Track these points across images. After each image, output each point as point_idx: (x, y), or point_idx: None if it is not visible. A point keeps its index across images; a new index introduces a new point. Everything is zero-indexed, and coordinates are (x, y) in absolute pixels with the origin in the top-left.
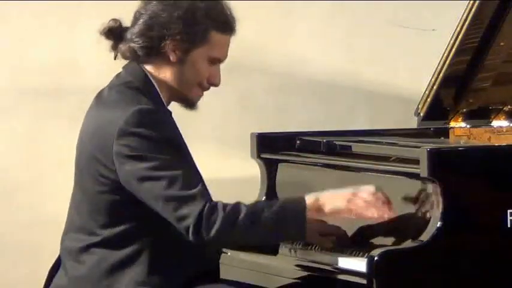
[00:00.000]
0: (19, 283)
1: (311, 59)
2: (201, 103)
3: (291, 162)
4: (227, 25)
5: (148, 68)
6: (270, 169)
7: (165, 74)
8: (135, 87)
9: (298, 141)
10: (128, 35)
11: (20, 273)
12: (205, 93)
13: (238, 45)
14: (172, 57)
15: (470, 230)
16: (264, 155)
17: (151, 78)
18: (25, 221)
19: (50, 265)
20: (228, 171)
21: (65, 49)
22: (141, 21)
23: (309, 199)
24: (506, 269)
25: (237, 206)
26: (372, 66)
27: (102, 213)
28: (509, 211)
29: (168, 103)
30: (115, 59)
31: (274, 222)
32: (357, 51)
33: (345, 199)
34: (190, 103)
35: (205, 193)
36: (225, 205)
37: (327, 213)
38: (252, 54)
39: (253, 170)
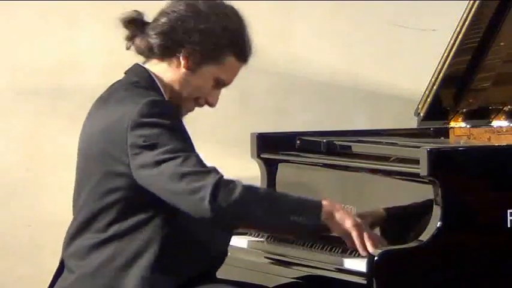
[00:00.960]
0: (19, 283)
1: (311, 59)
2: None
3: (291, 162)
4: (245, 55)
5: (156, 68)
6: (270, 169)
7: (172, 76)
8: (142, 86)
9: (298, 141)
10: (149, 31)
11: (20, 273)
12: None
13: None
14: (183, 64)
15: (470, 230)
16: (264, 155)
17: (155, 79)
18: (25, 221)
19: (50, 265)
20: (228, 171)
21: (65, 49)
22: (165, 19)
23: (324, 201)
24: (506, 269)
25: (255, 186)
26: (372, 66)
27: (110, 211)
28: (509, 211)
29: None
30: (127, 49)
31: (291, 204)
32: (357, 51)
33: (354, 221)
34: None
35: (217, 171)
36: (243, 183)
37: (333, 221)
38: (252, 54)
39: (253, 170)
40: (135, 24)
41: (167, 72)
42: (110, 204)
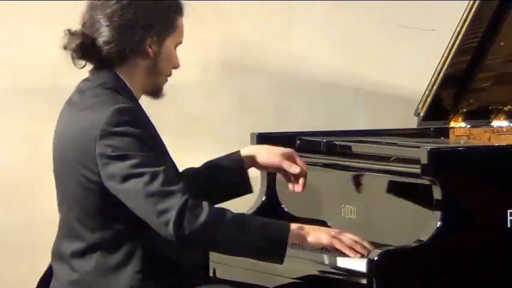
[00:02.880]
0: (19, 283)
1: (311, 59)
2: (201, 103)
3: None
4: (183, 7)
5: (120, 70)
6: None
7: (140, 70)
8: (110, 87)
9: (298, 141)
10: (100, 43)
11: (20, 273)
12: (205, 93)
13: (238, 45)
14: (150, 53)
15: (470, 230)
16: None
17: (122, 78)
18: (25, 221)
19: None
20: None
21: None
22: (107, 24)
23: (293, 225)
24: (506, 269)
25: (223, 208)
26: (372, 66)
27: (91, 217)
28: (509, 211)
29: (139, 99)
30: (83, 67)
31: (257, 233)
32: (357, 51)
33: (329, 234)
34: (159, 92)
35: (186, 189)
36: (210, 205)
37: (308, 244)
38: (252, 54)
39: (253, 169)
40: (84, 47)
41: (134, 69)
42: (89, 212)
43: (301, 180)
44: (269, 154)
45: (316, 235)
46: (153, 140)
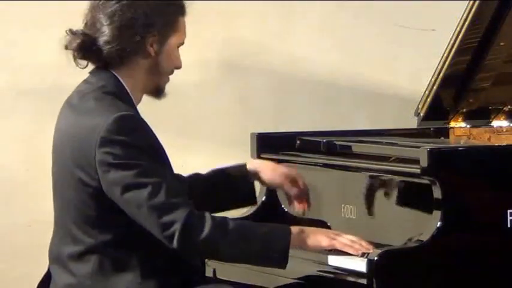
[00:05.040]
0: (19, 283)
1: (311, 59)
2: (201, 103)
3: (291, 162)
4: (185, 7)
5: (120, 70)
6: None
7: (141, 70)
8: (110, 91)
9: (298, 141)
10: (101, 43)
11: (19, 273)
12: (205, 93)
13: (238, 45)
14: (151, 52)
15: (470, 230)
16: (264, 155)
17: (122, 81)
18: (25, 221)
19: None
20: None
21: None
22: (110, 24)
23: (294, 229)
24: (506, 269)
25: (226, 218)
26: (372, 66)
27: (88, 222)
28: (509, 211)
29: (138, 103)
30: (85, 67)
31: (260, 241)
32: (357, 51)
33: (328, 236)
34: (161, 92)
35: (188, 201)
36: (213, 215)
37: (308, 247)
38: (252, 54)
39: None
40: (85, 47)
41: (134, 70)
42: (86, 215)
43: (301, 203)
44: (273, 173)
45: (316, 238)
46: (154, 149)
